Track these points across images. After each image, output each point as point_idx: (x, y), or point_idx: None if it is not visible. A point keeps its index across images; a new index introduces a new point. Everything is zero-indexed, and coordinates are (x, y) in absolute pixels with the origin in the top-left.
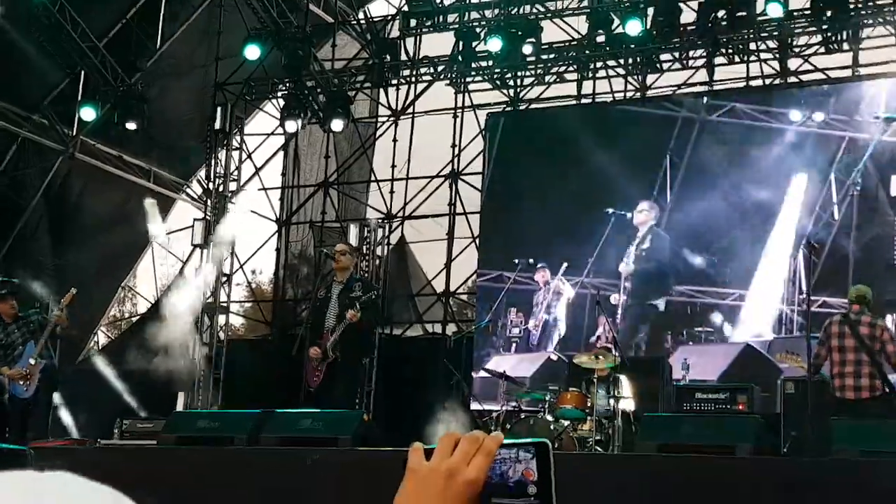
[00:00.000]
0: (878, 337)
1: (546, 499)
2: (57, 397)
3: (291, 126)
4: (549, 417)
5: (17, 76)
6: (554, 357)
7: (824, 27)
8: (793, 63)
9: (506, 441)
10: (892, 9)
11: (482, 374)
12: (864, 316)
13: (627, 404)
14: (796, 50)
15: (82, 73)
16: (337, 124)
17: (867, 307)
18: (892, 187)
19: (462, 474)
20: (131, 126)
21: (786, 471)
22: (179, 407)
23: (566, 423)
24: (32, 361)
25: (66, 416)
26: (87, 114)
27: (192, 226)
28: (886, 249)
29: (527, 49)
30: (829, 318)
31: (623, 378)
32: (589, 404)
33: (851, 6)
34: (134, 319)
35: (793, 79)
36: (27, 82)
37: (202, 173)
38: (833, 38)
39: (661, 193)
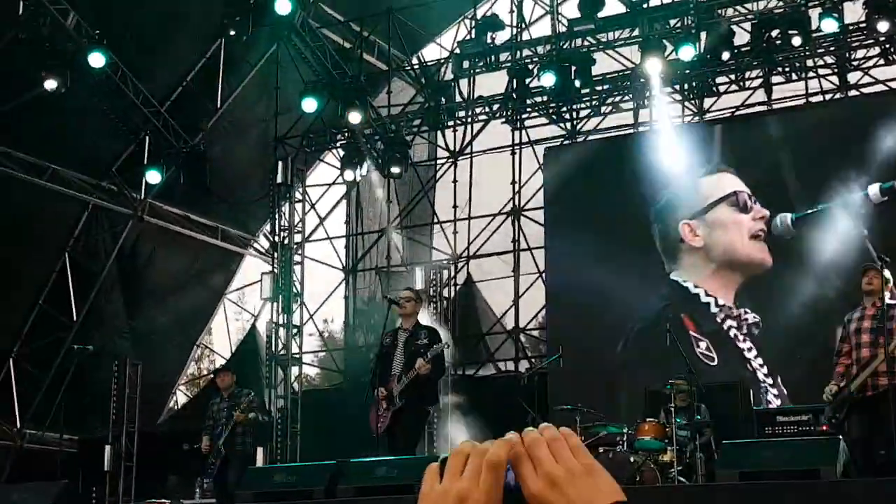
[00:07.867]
0: None
1: None
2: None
3: (352, 175)
4: (629, 450)
5: (84, 145)
6: None
7: (881, 38)
8: (852, 76)
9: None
10: None
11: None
12: None
13: (707, 432)
14: (854, 63)
15: (146, 137)
16: (396, 170)
17: None
18: None
19: (472, 498)
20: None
21: (874, 493)
22: (259, 461)
23: (646, 454)
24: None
25: (151, 478)
26: (153, 177)
27: (261, 280)
28: None
29: (580, 82)
30: None
31: (703, 406)
32: (668, 434)
33: None
34: (211, 376)
35: (853, 92)
36: (94, 150)
37: (268, 227)
38: (891, 49)
39: None
